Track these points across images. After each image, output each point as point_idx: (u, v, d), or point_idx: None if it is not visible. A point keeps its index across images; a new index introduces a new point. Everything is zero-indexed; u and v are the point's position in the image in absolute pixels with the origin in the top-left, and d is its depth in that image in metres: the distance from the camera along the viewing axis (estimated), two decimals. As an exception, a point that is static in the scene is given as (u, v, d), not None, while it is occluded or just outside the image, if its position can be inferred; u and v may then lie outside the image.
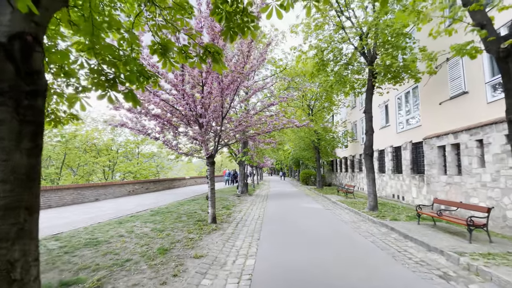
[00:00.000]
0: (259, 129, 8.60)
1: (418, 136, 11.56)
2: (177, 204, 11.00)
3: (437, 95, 10.30)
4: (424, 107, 11.24)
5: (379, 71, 8.92)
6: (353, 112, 21.49)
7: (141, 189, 14.41)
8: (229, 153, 15.03)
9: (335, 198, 13.74)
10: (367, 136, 9.71)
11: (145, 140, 14.80)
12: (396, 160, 13.87)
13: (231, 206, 10.90)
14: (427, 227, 7.04)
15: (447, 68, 9.67)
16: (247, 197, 14.47)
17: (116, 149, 20.81)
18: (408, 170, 12.25)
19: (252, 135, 8.53)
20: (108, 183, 12.65)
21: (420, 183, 11.25)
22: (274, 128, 8.29)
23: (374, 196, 9.50)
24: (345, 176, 22.90)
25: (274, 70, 17.17)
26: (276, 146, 14.53)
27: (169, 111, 7.39)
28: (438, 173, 9.94)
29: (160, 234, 6.13)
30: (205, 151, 7.45)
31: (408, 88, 12.63)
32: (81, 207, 9.82)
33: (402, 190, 12.78)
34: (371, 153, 9.68)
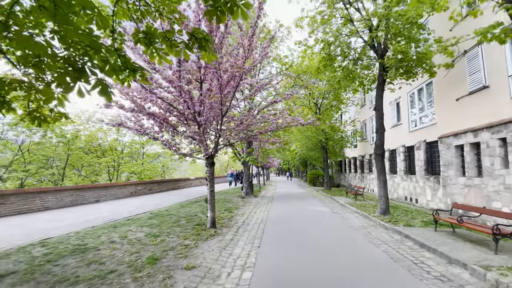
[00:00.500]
0: (262, 128, 8.14)
1: (433, 135, 10.83)
2: (179, 206, 10.65)
3: (454, 90, 9.58)
4: (439, 104, 10.51)
5: (390, 64, 8.29)
6: (362, 111, 20.73)
7: (144, 190, 14.17)
8: (233, 153, 14.62)
9: (344, 200, 13.11)
10: (377, 135, 9.09)
11: (149, 140, 14.58)
12: (408, 160, 13.13)
13: (234, 208, 10.46)
14: (446, 234, 6.40)
15: (465, 61, 8.95)
16: (251, 199, 14.01)
17: (121, 149, 20.73)
18: (421, 171, 11.52)
19: (254, 134, 8.07)
20: (109, 184, 12.43)
21: (435, 185, 10.53)
22: (277, 127, 7.81)
23: (385, 199, 8.88)
24: (354, 177, 22.14)
25: (280, 68, 16.66)
26: (282, 146, 14.02)
27: (166, 109, 7.02)
28: (456, 174, 9.22)
29: (154, 240, 5.74)
30: (204, 151, 7.04)
31: (421, 84, 11.90)
32: (80, 209, 9.59)
33: (415, 192, 12.05)
34: (382, 153, 9.06)
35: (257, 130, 8.01)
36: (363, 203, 12.25)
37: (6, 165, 12.82)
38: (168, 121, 6.84)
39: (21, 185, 13.46)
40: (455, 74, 9.48)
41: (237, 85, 7.08)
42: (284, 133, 15.01)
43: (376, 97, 9.08)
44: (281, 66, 16.57)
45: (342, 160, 26.99)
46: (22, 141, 12.34)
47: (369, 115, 19.15)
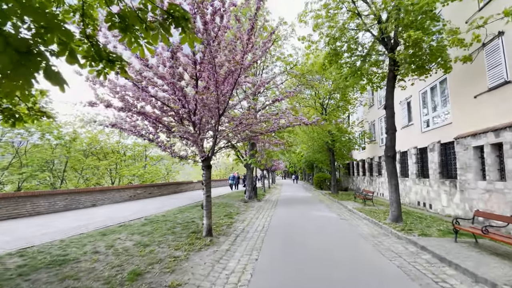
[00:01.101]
0: (263, 128, 7.61)
1: (448, 136, 10.07)
2: (177, 211, 10.17)
3: (471, 87, 8.85)
4: (455, 102, 9.77)
5: (401, 59, 7.66)
6: (370, 111, 19.97)
7: (144, 194, 13.78)
8: (236, 156, 14.12)
9: (352, 205, 12.41)
10: (388, 135, 8.43)
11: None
12: (421, 163, 12.36)
13: (235, 214, 9.91)
14: (468, 246, 5.70)
15: (484, 55, 8.23)
16: (254, 203, 13.44)
17: (123, 152, 20.45)
18: (436, 175, 10.75)
19: (255, 135, 7.53)
20: (107, 188, 12.08)
21: (452, 189, 9.75)
22: (280, 127, 7.27)
23: (397, 204, 8.19)
24: (363, 180, 21.31)
25: (284, 67, 16.14)
26: (286, 148, 13.43)
27: (160, 108, 6.57)
28: (475, 178, 8.46)
29: (142, 250, 5.25)
30: (199, 153, 6.54)
31: (434, 82, 11.17)
32: (73, 214, 9.22)
33: (429, 197, 11.27)
34: (393, 154, 8.39)
35: (258, 131, 7.47)
36: (372, 208, 11.53)
37: (3, 168, 12.63)
38: (161, 121, 6.38)
39: (18, 189, 13.29)
40: (472, 69, 8.76)
41: (235, 81, 6.59)
42: (288, 135, 14.43)
43: (387, 94, 8.44)
44: (285, 65, 16.06)
45: (349, 162, 26.14)
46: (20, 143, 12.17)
47: (378, 115, 18.40)
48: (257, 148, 13.42)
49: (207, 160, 6.78)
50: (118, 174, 18.23)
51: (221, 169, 44.12)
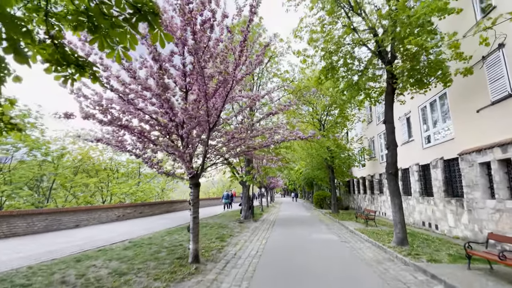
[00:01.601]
0: (257, 143, 7.19)
1: (451, 152, 9.65)
2: (166, 232, 9.50)
3: (473, 101, 8.56)
4: (457, 116, 9.45)
5: (400, 71, 7.41)
6: (369, 127, 19.70)
7: (134, 214, 13.08)
8: (232, 173, 13.58)
9: (353, 226, 11.71)
10: (389, 151, 8.01)
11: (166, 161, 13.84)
12: (424, 180, 11.83)
13: (227, 236, 9.24)
14: (483, 274, 5.08)
15: (484, 68, 8.02)
16: (250, 224, 12.73)
17: (116, 169, 19.82)
18: (440, 193, 10.20)
19: (248, 150, 7.09)
20: (92, 207, 11.43)
21: (458, 208, 9.17)
22: (274, 142, 6.86)
23: (402, 226, 7.59)
24: (364, 198, 20.60)
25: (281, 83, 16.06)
26: (283, 165, 12.95)
27: (146, 122, 6.18)
28: (483, 196, 7.93)
29: (117, 280, 4.62)
30: (186, 170, 6.07)
31: (433, 96, 10.92)
32: (53, 236, 8.55)
33: (435, 217, 10.63)
34: (395, 171, 7.91)
35: (252, 146, 7.04)
36: (375, 229, 10.85)
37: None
38: (145, 135, 5.97)
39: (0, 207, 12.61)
40: (473, 83, 8.51)
41: (227, 94, 6.26)
42: (286, 151, 14.01)
43: (386, 108, 8.11)
44: (282, 81, 15.98)
45: (349, 180, 25.51)
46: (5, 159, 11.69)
47: (377, 131, 18.10)
48: (253, 165, 12.93)
49: (195, 178, 6.29)
50: (109, 192, 17.52)
51: (218, 187, 43.17)
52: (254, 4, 5.45)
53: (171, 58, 5.94)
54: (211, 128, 6.33)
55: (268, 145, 6.86)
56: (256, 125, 7.44)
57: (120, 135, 6.48)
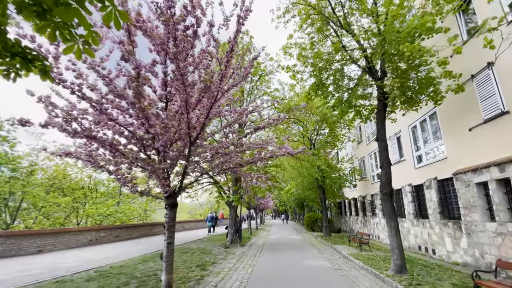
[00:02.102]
0: (244, 160, 6.64)
1: (445, 171, 9.35)
2: (140, 259, 8.49)
3: (464, 120, 8.42)
4: (448, 135, 9.28)
5: (391, 87, 7.21)
6: (360, 147, 19.54)
7: (109, 237, 11.88)
8: (218, 192, 12.79)
9: (347, 251, 10.97)
10: (383, 170, 7.58)
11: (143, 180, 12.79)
12: (418, 201, 11.41)
13: (210, 263, 8.32)
14: (498, 310, 4.47)
15: (474, 86, 7.96)
16: (237, 249, 11.76)
17: (95, 188, 18.47)
18: (436, 215, 9.74)
19: (233, 166, 6.49)
20: (60, 230, 10.27)
21: (456, 232, 8.68)
22: (262, 158, 6.32)
23: (400, 252, 6.97)
24: (356, 220, 19.93)
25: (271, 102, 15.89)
26: (273, 184, 12.31)
27: (119, 133, 5.57)
28: (482, 219, 7.51)
29: (64, 324, 3.74)
30: (161, 187, 5.39)
31: (424, 115, 10.84)
32: (8, 263, 7.42)
33: (431, 240, 10.07)
34: (390, 191, 7.44)
35: (238, 162, 6.46)
36: (370, 254, 10.14)
37: None
38: (116, 148, 5.32)
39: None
40: (463, 101, 8.43)
41: (211, 105, 5.80)
42: (276, 169, 13.45)
43: (378, 126, 7.82)
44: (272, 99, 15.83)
45: (341, 201, 24.92)
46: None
47: (368, 151, 17.92)
48: (241, 184, 12.26)
49: (172, 197, 5.60)
50: (84, 213, 16.10)
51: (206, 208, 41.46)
52: (242, 15, 5.16)
53: (151, 67, 5.51)
54: (192, 142, 5.77)
55: (255, 162, 6.31)
56: (243, 140, 6.92)
57: (93, 149, 5.81)
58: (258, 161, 6.44)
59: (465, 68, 7.90)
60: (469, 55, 8.16)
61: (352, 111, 9.27)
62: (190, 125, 5.55)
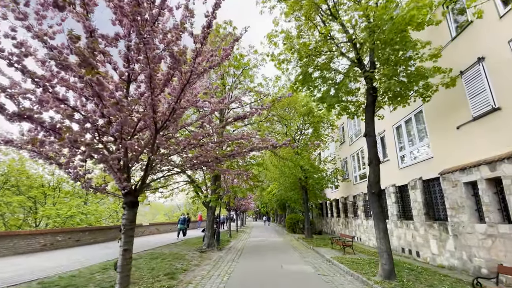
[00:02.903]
0: (222, 153, 5.82)
1: (430, 171, 9.09)
2: (100, 267, 7.37)
3: (451, 118, 8.17)
4: (435, 134, 9.02)
5: (381, 80, 6.74)
6: (342, 148, 19.33)
7: (68, 242, 10.48)
8: (194, 192, 11.82)
9: (330, 254, 10.43)
10: (371, 168, 7.07)
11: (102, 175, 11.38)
12: (401, 202, 11.14)
13: (181, 271, 7.38)
14: (502, 322, 3.98)
15: (462, 83, 7.71)
16: (213, 253, 10.86)
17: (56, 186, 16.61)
18: (421, 216, 9.45)
19: (208, 161, 5.64)
20: (6, 233, 8.84)
21: (442, 233, 8.39)
22: (241, 151, 5.54)
23: (388, 255, 6.46)
24: (337, 222, 19.66)
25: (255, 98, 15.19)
26: (254, 184, 11.55)
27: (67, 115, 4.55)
28: (470, 220, 7.21)
29: None
30: (117, 183, 4.45)
31: (409, 114, 10.60)
32: None
33: (415, 242, 9.78)
34: (378, 191, 6.94)
35: (214, 156, 5.62)
36: (354, 257, 9.66)
37: None
38: (59, 131, 4.31)
39: None
40: (450, 99, 8.19)
41: (183, 87, 4.95)
42: (258, 168, 12.71)
43: (366, 120, 7.33)
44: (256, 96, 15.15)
45: (322, 202, 24.68)
46: None
47: (350, 152, 17.70)
48: (220, 182, 11.40)
49: (132, 195, 4.67)
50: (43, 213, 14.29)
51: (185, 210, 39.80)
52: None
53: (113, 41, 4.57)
54: (158, 129, 4.87)
55: (234, 155, 5.51)
56: (216, 129, 6.07)
57: (39, 137, 4.74)
58: (238, 155, 5.66)
59: (453, 65, 7.62)
60: (458, 51, 7.94)
61: (338, 107, 8.77)
62: (155, 109, 4.67)
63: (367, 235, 14.25)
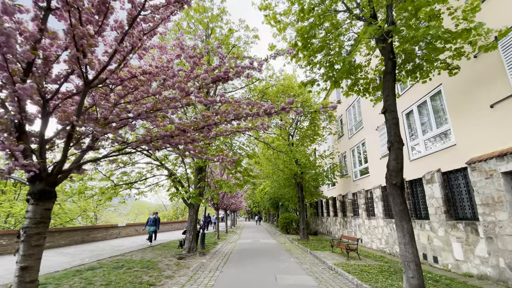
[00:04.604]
0: (199, 124, 4.08)
1: (452, 161, 7.66)
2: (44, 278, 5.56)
3: (481, 95, 6.76)
4: (459, 117, 7.59)
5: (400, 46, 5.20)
6: (341, 142, 17.89)
7: (16, 246, 8.63)
8: (174, 187, 10.07)
9: (331, 260, 8.89)
10: (392, 153, 5.52)
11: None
12: (413, 199, 9.70)
13: (149, 285, 5.66)
14: None
15: (500, 51, 6.28)
16: (194, 259, 9.15)
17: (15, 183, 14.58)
18: (440, 215, 8.01)
19: (170, 134, 3.90)
20: None
21: (470, 235, 6.94)
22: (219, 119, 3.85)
23: (416, 266, 4.92)
24: (334, 222, 18.21)
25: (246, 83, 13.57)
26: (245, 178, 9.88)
27: None
28: (511, 219, 5.77)
29: None
30: (13, 162, 2.72)
31: (423, 97, 9.16)
32: None
33: (432, 246, 8.34)
34: (401, 182, 5.40)
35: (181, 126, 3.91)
36: (360, 264, 8.14)
37: None
38: None
39: None
40: (479, 73, 6.79)
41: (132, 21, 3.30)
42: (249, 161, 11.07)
43: (385, 92, 5.77)
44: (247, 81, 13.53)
45: (318, 201, 23.23)
46: None
47: (350, 146, 16.27)
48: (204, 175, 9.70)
49: (43, 181, 2.96)
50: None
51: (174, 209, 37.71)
52: None
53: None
54: (89, 81, 3.16)
55: (210, 127, 3.83)
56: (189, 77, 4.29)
57: None
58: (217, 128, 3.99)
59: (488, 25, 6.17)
60: (492, 14, 6.51)
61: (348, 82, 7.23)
62: (83, 49, 2.97)
63: (369, 236, 12.82)
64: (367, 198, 13.42)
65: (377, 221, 12.00)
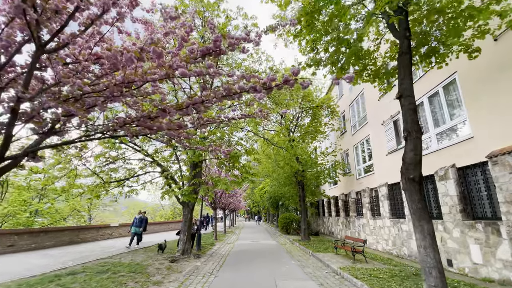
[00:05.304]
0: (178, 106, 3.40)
1: (469, 155, 7.01)
2: (18, 287, 4.91)
3: (502, 83, 6.10)
4: (477, 107, 6.93)
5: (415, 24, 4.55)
6: (344, 138, 17.24)
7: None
8: (167, 185, 9.40)
9: (336, 263, 8.23)
10: (409, 143, 4.87)
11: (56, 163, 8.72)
12: (424, 197, 9.00)
13: (127, 295, 5.00)
14: None
15: (527, 30, 5.64)
16: (188, 262, 8.48)
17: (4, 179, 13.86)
18: (455, 214, 7.35)
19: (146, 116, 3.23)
20: None
21: (491, 236, 6.28)
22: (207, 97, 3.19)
23: (439, 273, 4.27)
24: (336, 222, 17.56)
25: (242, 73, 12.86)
26: (243, 175, 9.23)
27: None
28: (541, 218, 5.11)
29: None
30: None
31: (435, 87, 8.52)
32: None
33: (446, 248, 7.69)
34: (419, 176, 4.75)
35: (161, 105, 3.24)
36: (368, 267, 7.48)
37: None
38: None
39: None
40: (500, 56, 6.14)
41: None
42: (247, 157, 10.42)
43: (400, 75, 5.12)
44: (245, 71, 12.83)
45: (319, 200, 22.57)
46: None
47: (353, 143, 15.62)
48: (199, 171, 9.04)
49: None
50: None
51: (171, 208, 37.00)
52: None
53: None
54: (42, 43, 2.50)
55: (197, 107, 3.18)
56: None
57: None
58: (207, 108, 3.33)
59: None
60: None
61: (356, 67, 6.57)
62: None
63: (374, 237, 12.16)
64: (372, 197, 12.77)
65: (383, 221, 11.35)
